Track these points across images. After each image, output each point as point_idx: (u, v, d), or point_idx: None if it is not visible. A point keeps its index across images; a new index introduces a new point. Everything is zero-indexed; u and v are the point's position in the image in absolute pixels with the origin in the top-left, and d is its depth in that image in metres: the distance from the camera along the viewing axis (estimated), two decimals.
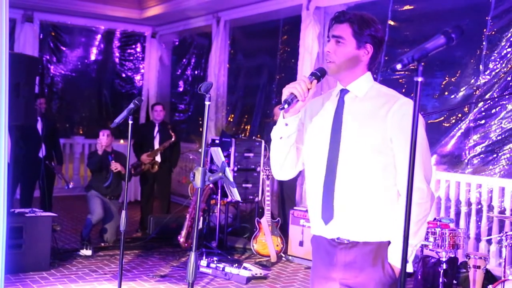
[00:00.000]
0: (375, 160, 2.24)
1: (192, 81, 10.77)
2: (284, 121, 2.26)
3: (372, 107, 2.27)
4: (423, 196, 2.24)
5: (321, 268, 2.39)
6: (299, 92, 2.18)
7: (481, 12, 5.80)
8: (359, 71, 2.32)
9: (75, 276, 5.48)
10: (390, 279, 2.27)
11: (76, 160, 10.32)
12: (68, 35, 10.84)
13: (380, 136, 2.23)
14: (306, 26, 7.42)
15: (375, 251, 2.27)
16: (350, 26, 2.26)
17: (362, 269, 2.27)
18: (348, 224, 2.29)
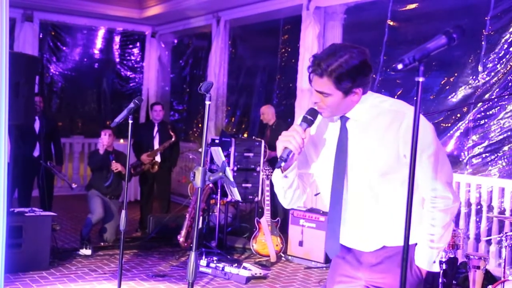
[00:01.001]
0: (392, 177, 2.24)
1: (191, 81, 10.77)
2: (283, 175, 2.27)
3: (378, 129, 2.23)
4: (449, 202, 2.29)
5: (346, 267, 2.44)
6: (294, 147, 2.17)
7: (480, 12, 5.80)
8: (354, 103, 2.25)
9: (74, 276, 5.47)
10: (417, 279, 2.35)
11: (75, 160, 10.31)
12: (68, 35, 10.83)
13: (393, 155, 2.22)
14: (306, 26, 7.42)
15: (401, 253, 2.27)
16: (330, 79, 2.15)
17: (389, 270, 2.32)
18: (370, 239, 2.34)
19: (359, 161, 2.26)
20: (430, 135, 2.24)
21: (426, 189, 2.28)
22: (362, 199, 2.30)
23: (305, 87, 7.41)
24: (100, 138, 6.71)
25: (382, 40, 6.87)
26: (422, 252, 2.33)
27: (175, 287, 5.32)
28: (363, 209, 2.32)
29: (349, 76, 2.15)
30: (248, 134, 9.28)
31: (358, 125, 2.27)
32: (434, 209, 2.28)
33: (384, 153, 2.22)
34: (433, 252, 2.32)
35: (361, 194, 2.30)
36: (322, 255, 6.20)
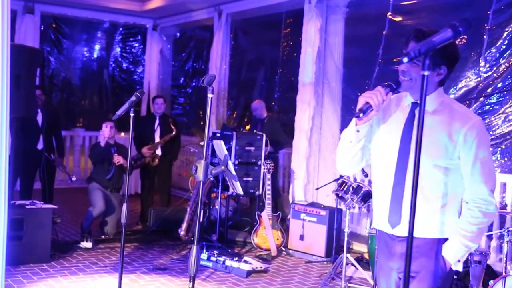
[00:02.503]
0: (441, 175, 2.39)
1: (192, 74, 10.75)
2: (356, 128, 2.40)
3: (441, 124, 2.39)
4: (490, 208, 2.42)
5: (383, 259, 2.60)
6: (374, 103, 2.29)
7: (483, 6, 5.77)
8: (432, 87, 2.42)
9: (75, 268, 5.47)
10: (441, 272, 2.45)
11: (76, 152, 10.30)
12: (69, 27, 10.81)
13: (449, 153, 2.37)
14: (308, 20, 7.39)
15: (430, 244, 2.44)
16: None
17: (416, 258, 2.40)
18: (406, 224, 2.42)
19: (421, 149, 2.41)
20: (488, 143, 2.44)
21: (472, 191, 2.42)
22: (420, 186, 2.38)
23: (307, 80, 7.39)
24: (101, 130, 6.70)
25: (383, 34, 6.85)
26: (452, 246, 2.43)
27: (175, 280, 5.32)
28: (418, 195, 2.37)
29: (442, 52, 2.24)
30: (249, 128, 9.26)
31: (426, 114, 2.36)
32: (476, 209, 2.41)
33: (442, 147, 2.37)
34: (462, 249, 2.42)
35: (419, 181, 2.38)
36: (322, 249, 6.20)
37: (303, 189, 7.42)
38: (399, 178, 2.43)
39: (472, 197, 2.42)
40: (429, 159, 2.36)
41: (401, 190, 2.42)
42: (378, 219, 2.58)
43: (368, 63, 7.07)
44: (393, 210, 2.45)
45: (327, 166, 7.50)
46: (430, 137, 2.36)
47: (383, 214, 2.51)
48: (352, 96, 7.36)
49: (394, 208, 2.45)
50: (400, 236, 2.47)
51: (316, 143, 7.53)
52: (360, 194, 5.49)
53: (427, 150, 2.32)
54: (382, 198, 2.51)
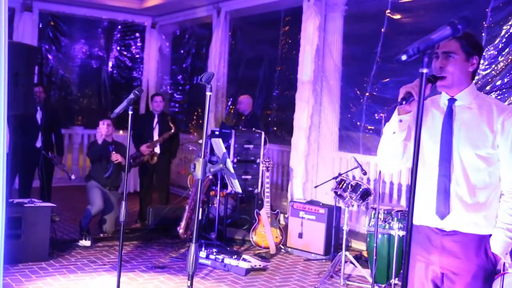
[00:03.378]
0: (483, 164, 2.51)
1: (191, 72, 10.73)
2: (399, 118, 2.46)
3: (479, 116, 2.53)
4: None
5: (421, 252, 2.63)
6: (416, 92, 2.35)
7: (481, 3, 5.76)
8: (466, 82, 2.55)
9: (74, 267, 5.47)
10: (492, 266, 2.56)
11: (75, 151, 10.29)
12: (68, 25, 10.78)
13: (488, 144, 2.49)
14: (307, 18, 7.38)
15: (478, 241, 2.53)
16: (458, 41, 2.49)
17: (465, 256, 2.52)
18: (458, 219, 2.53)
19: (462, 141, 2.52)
20: None
21: (508, 180, 2.52)
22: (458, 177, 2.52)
23: (305, 79, 7.38)
24: (99, 128, 6.68)
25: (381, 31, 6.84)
26: (498, 240, 2.51)
27: (174, 278, 5.31)
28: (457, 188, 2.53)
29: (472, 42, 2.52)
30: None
31: (463, 108, 2.55)
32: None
33: (484, 138, 2.49)
34: (508, 242, 2.52)
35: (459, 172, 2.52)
36: (321, 247, 6.20)
37: (302, 187, 7.42)
38: (444, 169, 2.53)
39: (509, 187, 2.52)
40: (472, 149, 2.49)
41: (448, 181, 2.53)
42: (420, 214, 2.62)
43: (366, 61, 7.06)
44: (441, 201, 2.54)
45: (325, 164, 7.49)
46: (471, 129, 2.50)
47: (428, 208, 2.57)
48: (350, 94, 7.36)
49: (441, 200, 2.54)
50: (445, 230, 2.55)
51: (315, 141, 7.52)
52: (359, 192, 5.49)
53: (469, 140, 2.49)
54: (426, 192, 2.58)
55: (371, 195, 5.54)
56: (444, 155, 2.54)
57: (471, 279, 2.52)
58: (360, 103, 7.20)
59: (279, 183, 8.44)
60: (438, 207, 2.54)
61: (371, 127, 7.07)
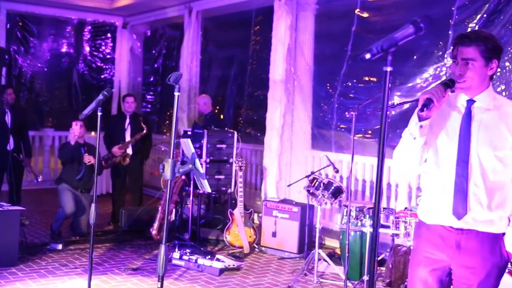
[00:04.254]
0: (501, 165, 2.54)
1: (163, 72, 10.66)
2: (420, 124, 2.49)
3: (498, 117, 2.56)
4: None
5: (432, 251, 2.64)
6: (436, 98, 2.41)
7: (448, 2, 5.85)
8: (485, 85, 2.58)
9: (44, 271, 5.39)
10: (505, 264, 2.60)
11: (46, 153, 10.13)
12: (37, 25, 10.60)
13: (508, 145, 2.53)
14: (278, 17, 7.39)
15: (493, 240, 2.57)
16: (477, 47, 2.50)
17: (480, 253, 2.55)
18: (475, 219, 2.55)
19: (480, 142, 2.53)
20: None
21: None
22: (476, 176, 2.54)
23: (278, 78, 7.40)
24: (71, 129, 6.59)
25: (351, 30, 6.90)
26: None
27: (147, 280, 5.28)
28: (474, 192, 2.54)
29: (490, 47, 2.52)
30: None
31: (481, 109, 2.57)
32: None
33: (503, 139, 2.52)
34: None
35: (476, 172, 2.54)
36: (295, 245, 6.22)
37: (275, 186, 7.43)
38: (462, 170, 2.54)
39: None
40: (491, 150, 2.51)
41: (465, 181, 2.54)
42: (435, 214, 2.64)
43: (337, 59, 7.11)
44: (458, 202, 2.55)
45: (299, 163, 7.52)
46: (490, 130, 2.53)
47: (444, 208, 2.58)
48: (322, 93, 7.40)
49: (458, 199, 2.55)
50: (460, 229, 2.57)
51: (287, 140, 7.55)
52: (331, 190, 5.52)
53: (489, 141, 2.52)
54: (442, 192, 2.59)
55: (343, 193, 5.58)
56: (462, 156, 2.55)
57: (485, 277, 2.55)
58: (332, 101, 7.25)
59: (252, 182, 8.45)
60: (455, 207, 2.56)
61: (342, 125, 7.12)
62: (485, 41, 2.51)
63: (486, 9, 5.48)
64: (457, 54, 2.55)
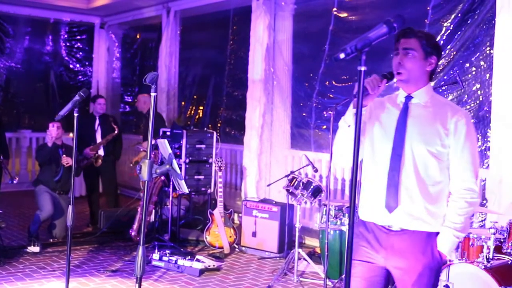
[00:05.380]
0: (433, 161, 2.56)
1: (141, 72, 10.61)
2: (354, 111, 2.46)
3: (433, 114, 2.59)
4: (474, 196, 2.60)
5: (369, 252, 2.67)
6: (370, 87, 2.43)
7: (422, 1, 5.92)
8: (423, 81, 2.62)
9: (22, 274, 5.32)
10: (437, 264, 2.62)
11: (23, 154, 10.02)
12: (12, 25, 10.46)
13: (439, 142, 2.55)
14: (256, 17, 7.40)
15: (425, 240, 2.59)
16: (418, 40, 2.57)
17: (412, 254, 2.57)
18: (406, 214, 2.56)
19: (414, 138, 2.57)
20: (475, 134, 2.62)
21: (457, 179, 2.59)
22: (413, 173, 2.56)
23: (256, 78, 7.40)
24: (48, 130, 6.52)
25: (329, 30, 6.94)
26: (446, 239, 2.58)
27: (126, 282, 5.25)
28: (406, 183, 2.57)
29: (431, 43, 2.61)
30: (199, 126, 9.22)
31: (418, 106, 2.61)
32: (461, 200, 2.58)
33: (436, 135, 2.55)
34: (455, 240, 2.59)
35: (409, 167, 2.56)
36: (275, 245, 6.23)
37: (255, 186, 7.44)
38: (395, 163, 2.58)
39: (458, 187, 2.59)
40: (424, 144, 2.55)
41: (397, 174, 2.57)
42: (369, 210, 2.68)
43: (315, 59, 7.15)
44: (390, 194, 2.58)
45: (278, 162, 7.54)
46: (425, 126, 2.57)
47: (377, 202, 2.62)
48: (300, 92, 7.42)
49: (390, 192, 2.58)
50: (393, 230, 2.60)
51: (267, 140, 7.56)
52: (310, 189, 5.54)
53: (422, 136, 2.55)
54: (377, 186, 2.63)
55: (322, 192, 5.60)
56: (396, 150, 2.59)
57: (417, 278, 2.58)
58: (310, 101, 7.28)
59: (232, 182, 8.44)
60: (387, 200, 2.59)
61: (321, 125, 7.16)
62: (427, 36, 2.59)
63: (460, 9, 5.56)
64: (398, 46, 2.61)
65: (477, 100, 5.53)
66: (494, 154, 5.07)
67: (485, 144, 5.42)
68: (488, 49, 5.35)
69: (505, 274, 3.73)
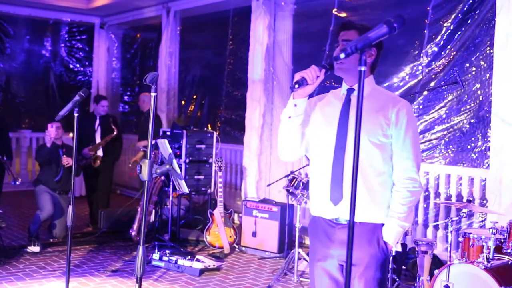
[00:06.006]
0: (376, 152, 2.56)
1: (141, 72, 10.62)
2: (294, 102, 2.53)
3: (375, 105, 2.59)
4: (416, 185, 2.61)
5: (320, 248, 2.67)
6: (309, 77, 2.44)
7: (423, 2, 5.93)
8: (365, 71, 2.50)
9: (22, 274, 5.32)
10: (383, 255, 2.61)
11: (23, 155, 10.02)
12: (12, 26, 10.48)
13: (381, 132, 2.56)
14: (256, 17, 7.40)
15: (371, 231, 2.59)
16: (358, 31, 2.56)
17: (359, 246, 2.54)
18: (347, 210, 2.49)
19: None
20: (416, 124, 2.64)
21: (399, 169, 2.60)
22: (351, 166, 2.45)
23: (256, 78, 7.41)
24: (47, 131, 6.52)
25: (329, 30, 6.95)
26: (390, 229, 2.59)
27: (127, 281, 5.25)
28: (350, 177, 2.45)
29: None
30: (199, 125, 9.22)
31: None
32: (403, 189, 2.58)
33: (377, 126, 2.55)
34: (399, 230, 2.59)
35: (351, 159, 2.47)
36: (275, 245, 6.23)
37: (255, 186, 7.44)
38: (338, 156, 2.57)
39: (400, 176, 2.59)
40: (365, 135, 2.53)
41: (341, 167, 2.56)
42: (317, 204, 2.68)
43: (316, 59, 7.15)
44: (334, 187, 2.58)
45: (278, 162, 7.53)
46: (367, 117, 2.52)
47: (323, 196, 2.62)
48: None
49: (335, 185, 2.57)
50: (340, 223, 2.60)
51: (267, 140, 7.56)
52: None
53: (364, 127, 2.45)
54: (322, 180, 2.62)
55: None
56: (340, 142, 2.58)
57: (364, 269, 2.57)
58: None
59: (232, 182, 8.44)
60: (332, 193, 2.58)
61: None
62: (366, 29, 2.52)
63: (460, 9, 5.57)
64: (338, 38, 2.63)
65: (477, 100, 5.53)
66: (494, 154, 5.07)
67: (485, 144, 5.43)
68: (488, 49, 5.36)
69: (505, 275, 3.73)
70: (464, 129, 5.71)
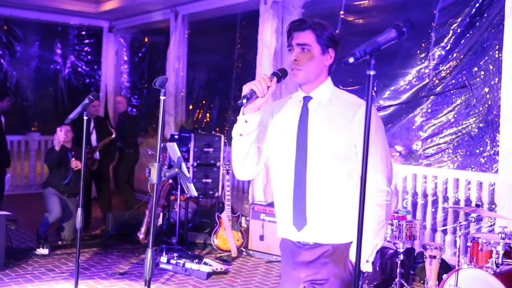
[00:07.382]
0: (340, 167, 2.31)
1: (149, 76, 10.66)
2: (244, 118, 2.27)
3: (336, 114, 2.33)
4: (388, 198, 2.33)
5: (289, 269, 2.47)
6: (258, 89, 2.20)
7: (430, 5, 5.92)
8: (322, 77, 2.37)
9: (31, 276, 5.35)
10: (350, 276, 2.35)
11: (32, 157, 10.07)
12: (22, 29, 10.55)
13: (345, 143, 2.30)
14: (264, 21, 7.42)
15: (337, 250, 2.36)
16: (313, 32, 2.31)
17: (323, 265, 2.36)
18: (316, 229, 2.35)
19: (318, 143, 2.32)
20: (381, 129, 2.36)
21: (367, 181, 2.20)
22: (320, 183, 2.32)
23: None
24: (56, 134, 6.56)
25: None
26: None
27: (134, 284, 5.26)
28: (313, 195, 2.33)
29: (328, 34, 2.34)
30: (207, 129, 9.24)
31: (319, 107, 2.35)
32: (372, 203, 2.28)
33: (339, 137, 2.30)
34: (369, 248, 2.29)
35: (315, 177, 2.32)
36: None
37: (262, 189, 7.43)
38: (299, 176, 2.32)
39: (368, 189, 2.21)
40: (328, 151, 2.30)
41: (303, 188, 2.32)
42: (282, 226, 2.44)
43: None
44: (297, 211, 2.34)
45: None
46: (328, 129, 2.30)
47: (287, 218, 2.39)
48: None
49: (297, 209, 2.34)
50: (307, 244, 2.37)
51: None
52: None
53: (325, 142, 2.30)
54: (285, 200, 2.38)
55: None
56: (300, 159, 2.32)
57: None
58: None
59: (240, 185, 8.45)
60: (295, 218, 2.35)
61: None
62: (321, 27, 2.32)
63: (467, 12, 5.55)
64: (292, 41, 2.33)
65: (485, 104, 5.52)
66: (503, 159, 5.05)
67: (494, 148, 5.41)
68: (497, 53, 5.34)
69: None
70: (473, 133, 5.69)
